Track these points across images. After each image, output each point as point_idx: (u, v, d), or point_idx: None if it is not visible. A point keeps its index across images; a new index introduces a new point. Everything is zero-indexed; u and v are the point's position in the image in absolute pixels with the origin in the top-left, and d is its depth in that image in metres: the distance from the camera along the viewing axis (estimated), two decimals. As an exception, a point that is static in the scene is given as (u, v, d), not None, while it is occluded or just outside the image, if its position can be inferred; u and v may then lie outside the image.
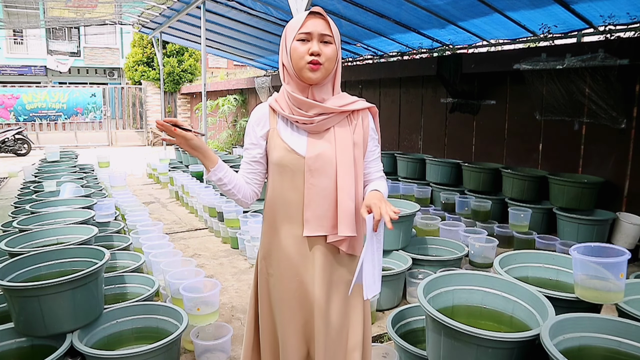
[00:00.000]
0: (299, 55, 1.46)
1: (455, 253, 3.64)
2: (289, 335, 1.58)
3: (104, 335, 2.43)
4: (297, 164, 1.52)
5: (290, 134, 1.54)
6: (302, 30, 1.46)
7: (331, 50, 1.47)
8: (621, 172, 4.34)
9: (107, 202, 4.25)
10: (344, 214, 1.50)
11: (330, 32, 1.47)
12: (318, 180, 1.51)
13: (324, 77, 1.49)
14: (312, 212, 1.51)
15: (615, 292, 1.91)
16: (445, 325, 1.77)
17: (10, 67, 21.26)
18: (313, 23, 1.46)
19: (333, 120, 1.53)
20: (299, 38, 1.47)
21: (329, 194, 1.52)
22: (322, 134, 1.53)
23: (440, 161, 5.77)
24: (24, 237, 2.92)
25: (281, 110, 1.53)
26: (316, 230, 1.52)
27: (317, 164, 1.50)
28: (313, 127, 1.51)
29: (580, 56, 4.26)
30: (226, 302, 3.38)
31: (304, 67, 1.46)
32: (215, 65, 22.75)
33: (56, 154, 7.05)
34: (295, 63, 1.48)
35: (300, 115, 1.51)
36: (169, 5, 8.20)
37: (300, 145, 1.53)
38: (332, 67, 1.49)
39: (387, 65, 7.42)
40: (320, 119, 1.51)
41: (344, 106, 1.53)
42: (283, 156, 1.53)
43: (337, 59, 1.51)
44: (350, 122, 1.56)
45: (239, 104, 12.55)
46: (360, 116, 1.58)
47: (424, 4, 5.23)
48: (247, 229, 4.30)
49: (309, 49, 1.45)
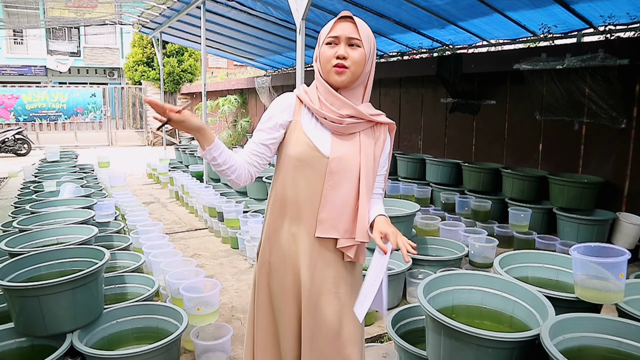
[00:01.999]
0: (326, 59, 1.46)
1: (455, 253, 3.64)
2: (287, 329, 1.58)
3: (104, 335, 2.43)
4: (319, 162, 1.49)
5: (313, 129, 1.51)
6: (330, 34, 1.46)
7: (359, 54, 1.45)
8: (621, 172, 4.34)
9: (107, 202, 4.25)
10: (362, 220, 1.50)
11: (358, 36, 1.45)
12: (338, 182, 1.49)
13: (351, 81, 1.47)
14: (327, 213, 1.50)
15: (615, 292, 1.91)
16: (445, 325, 1.77)
17: (10, 67, 21.27)
18: (341, 26, 1.45)
19: (360, 127, 1.52)
20: (327, 42, 1.47)
21: (348, 198, 1.51)
22: (346, 137, 1.52)
23: (440, 161, 5.77)
24: (24, 237, 2.92)
25: (310, 103, 1.50)
26: (329, 232, 1.51)
27: (339, 166, 1.49)
28: (341, 127, 1.49)
29: (580, 56, 4.26)
30: (226, 302, 3.38)
31: (330, 70, 1.46)
32: (215, 65, 22.76)
33: (56, 154, 7.05)
34: (323, 66, 1.48)
35: (331, 112, 1.48)
36: (169, 5, 8.20)
37: (324, 144, 1.50)
38: (359, 71, 1.47)
39: (387, 65, 7.42)
40: (351, 121, 1.49)
41: (374, 116, 1.53)
42: (304, 151, 1.49)
43: (366, 64, 1.48)
44: (374, 133, 1.56)
45: (239, 104, 12.56)
46: (382, 129, 1.58)
47: (424, 4, 5.23)
48: (247, 229, 4.30)
49: (335, 52, 1.45)
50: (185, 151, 8.78)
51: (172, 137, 15.40)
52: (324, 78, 1.50)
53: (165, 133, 13.70)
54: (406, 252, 1.38)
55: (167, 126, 1.41)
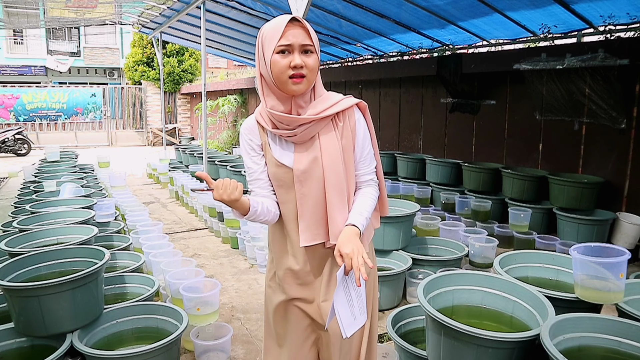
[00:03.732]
0: (280, 70, 1.38)
1: (455, 253, 3.64)
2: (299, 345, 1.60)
3: (104, 335, 2.43)
4: (288, 177, 1.49)
5: (278, 147, 1.52)
6: (281, 42, 1.37)
7: (313, 61, 1.41)
8: (621, 172, 4.34)
9: (107, 202, 4.25)
10: (334, 223, 1.48)
11: (311, 41, 1.40)
12: (308, 190, 1.49)
13: (307, 88, 1.44)
14: (305, 223, 1.50)
15: (615, 292, 1.91)
16: (445, 325, 1.77)
17: (10, 67, 21.26)
18: (293, 33, 1.37)
19: (317, 127, 1.47)
20: (278, 50, 1.38)
21: (320, 202, 1.49)
22: (307, 143, 1.49)
23: (440, 161, 5.77)
24: (24, 237, 2.92)
25: (265, 126, 1.50)
26: (312, 240, 1.51)
27: (304, 175, 1.48)
28: (297, 138, 1.47)
29: (580, 56, 4.26)
30: (226, 302, 3.38)
31: (286, 81, 1.39)
32: (215, 65, 22.75)
33: (56, 154, 7.05)
34: (276, 77, 1.40)
35: (283, 129, 1.48)
36: (169, 5, 8.20)
37: (289, 158, 1.50)
38: (314, 77, 1.43)
39: (387, 65, 7.42)
40: (302, 129, 1.45)
41: (325, 111, 1.45)
42: (275, 172, 1.51)
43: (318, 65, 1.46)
44: (337, 125, 1.49)
45: (239, 104, 12.55)
46: (346, 116, 1.50)
47: (424, 4, 5.23)
48: (247, 229, 4.30)
49: (290, 62, 1.37)
50: (185, 151, 8.78)
51: (172, 137, 15.41)
52: (278, 87, 1.43)
53: (165, 133, 13.70)
54: (358, 276, 1.30)
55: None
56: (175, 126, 15.86)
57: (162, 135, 13.46)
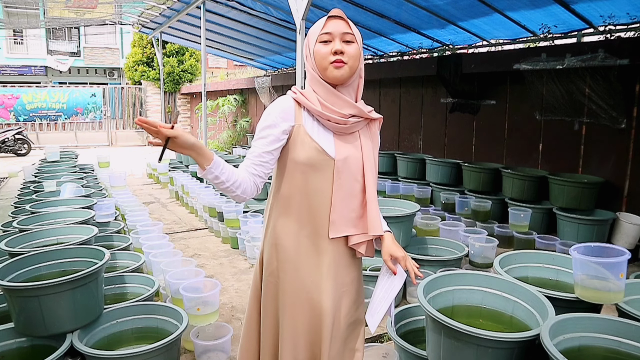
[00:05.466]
0: (322, 56, 1.45)
1: (455, 253, 3.64)
2: (298, 337, 1.57)
3: (104, 335, 2.43)
4: (326, 165, 1.49)
5: (317, 132, 1.50)
6: (323, 31, 1.46)
7: (354, 49, 1.46)
8: (621, 172, 4.34)
9: (107, 202, 4.24)
10: (373, 214, 1.54)
11: (351, 31, 1.46)
12: (344, 182, 1.51)
13: (349, 76, 1.47)
14: (338, 214, 1.51)
15: (615, 292, 1.90)
16: (445, 325, 1.77)
17: (10, 67, 21.26)
18: (334, 24, 1.46)
19: (360, 125, 1.54)
20: (321, 40, 1.46)
21: (355, 196, 1.54)
22: (347, 136, 1.53)
23: (440, 161, 5.77)
24: (24, 237, 2.92)
25: (312, 105, 1.47)
26: (342, 232, 1.53)
27: (345, 166, 1.50)
28: (345, 128, 1.50)
29: (580, 56, 4.26)
30: (226, 302, 3.38)
31: (328, 67, 1.45)
32: (215, 65, 22.75)
33: (56, 154, 7.05)
34: (319, 64, 1.47)
35: (334, 112, 1.47)
36: (169, 5, 8.21)
37: (329, 146, 1.50)
38: (356, 65, 1.47)
39: (387, 65, 7.42)
40: (354, 120, 1.50)
41: (370, 112, 1.55)
42: (313, 156, 1.48)
43: (360, 59, 1.50)
44: (370, 130, 1.59)
45: (239, 104, 12.55)
46: (375, 125, 1.60)
47: (424, 4, 5.23)
48: (247, 229, 4.30)
49: (331, 49, 1.44)
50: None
51: (172, 137, 15.39)
52: (320, 76, 1.48)
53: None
54: (414, 276, 1.55)
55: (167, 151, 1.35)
56: (175, 126, 15.85)
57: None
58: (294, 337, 1.56)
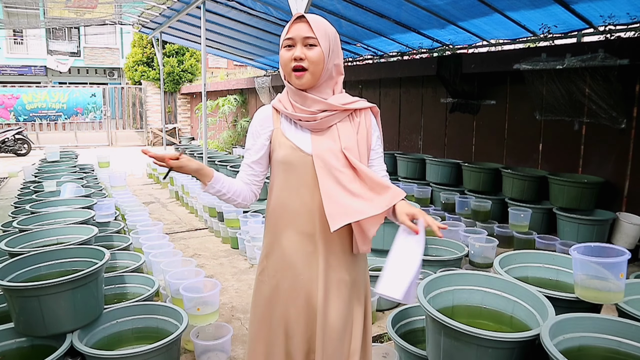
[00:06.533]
0: (284, 62, 1.48)
1: (455, 253, 3.64)
2: (293, 338, 1.57)
3: (104, 335, 2.43)
4: (303, 161, 1.51)
5: (294, 132, 1.54)
6: (286, 36, 1.47)
7: (315, 53, 1.45)
8: (621, 172, 4.34)
9: (107, 202, 4.24)
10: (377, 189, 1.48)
11: (313, 34, 1.44)
12: (329, 175, 1.48)
13: (312, 82, 1.47)
14: (333, 205, 1.46)
15: (615, 292, 1.90)
16: (445, 325, 1.77)
17: (10, 67, 21.27)
18: (296, 28, 1.45)
19: (336, 118, 1.52)
20: (284, 45, 1.48)
21: (348, 183, 1.47)
22: (325, 131, 1.53)
23: (440, 161, 5.77)
24: (24, 237, 2.92)
25: (284, 109, 1.53)
26: (343, 221, 1.44)
27: (323, 160, 1.49)
28: (316, 124, 1.51)
29: (580, 56, 4.26)
30: (226, 302, 3.38)
31: (290, 73, 1.47)
32: (215, 65, 22.74)
33: (56, 154, 7.04)
34: (283, 69, 1.50)
35: (303, 112, 1.50)
36: (169, 5, 8.20)
37: (305, 143, 1.52)
38: (319, 70, 1.46)
39: (387, 65, 7.42)
40: (324, 115, 1.50)
41: (347, 104, 1.52)
42: (288, 154, 1.52)
43: (327, 61, 1.47)
44: (353, 120, 1.55)
45: (239, 104, 12.55)
46: (362, 115, 1.57)
47: (424, 4, 5.23)
48: (247, 229, 4.30)
49: (292, 55, 1.45)
50: (185, 151, 8.78)
51: (172, 137, 15.41)
52: (287, 81, 1.52)
53: (165, 133, 13.70)
54: (437, 228, 1.38)
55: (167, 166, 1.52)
56: (175, 126, 15.86)
57: (162, 135, 13.47)
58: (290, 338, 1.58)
